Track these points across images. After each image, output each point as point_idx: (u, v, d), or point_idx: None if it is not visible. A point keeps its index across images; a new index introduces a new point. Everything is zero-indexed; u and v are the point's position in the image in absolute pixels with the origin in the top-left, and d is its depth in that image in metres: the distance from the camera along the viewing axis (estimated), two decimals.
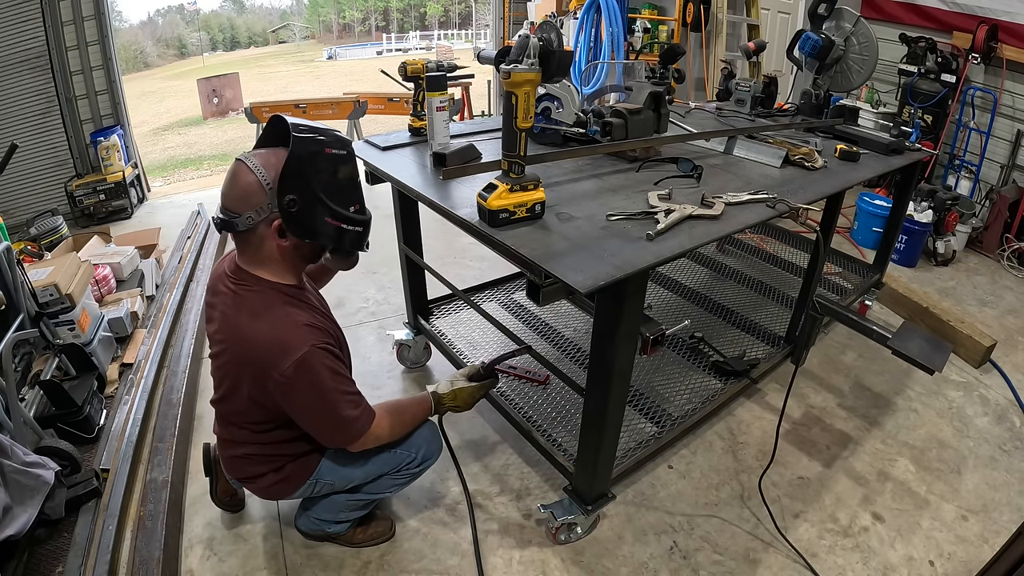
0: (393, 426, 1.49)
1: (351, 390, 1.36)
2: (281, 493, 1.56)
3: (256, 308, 1.29)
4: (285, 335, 1.26)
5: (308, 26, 44.45)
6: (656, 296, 2.86)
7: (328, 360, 1.30)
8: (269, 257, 1.31)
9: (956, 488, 2.06)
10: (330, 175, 1.26)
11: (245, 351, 1.29)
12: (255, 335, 1.27)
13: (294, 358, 1.24)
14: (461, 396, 1.63)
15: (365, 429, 1.38)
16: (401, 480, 1.64)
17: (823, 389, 2.53)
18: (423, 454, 1.62)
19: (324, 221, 1.27)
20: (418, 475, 1.67)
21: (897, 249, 3.55)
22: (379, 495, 1.65)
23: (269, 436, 1.44)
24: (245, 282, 1.31)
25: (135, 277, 3.05)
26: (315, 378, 1.27)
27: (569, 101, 1.93)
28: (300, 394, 1.28)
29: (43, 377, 2.09)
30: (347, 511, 1.66)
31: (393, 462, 1.58)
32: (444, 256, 3.56)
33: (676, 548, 1.79)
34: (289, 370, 1.24)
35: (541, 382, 2.16)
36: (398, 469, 1.60)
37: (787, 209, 1.59)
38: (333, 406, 1.32)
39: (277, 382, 1.26)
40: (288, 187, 1.21)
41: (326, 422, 1.35)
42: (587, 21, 4.25)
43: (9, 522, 1.47)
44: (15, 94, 3.88)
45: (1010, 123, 3.94)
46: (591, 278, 1.21)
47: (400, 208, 2.18)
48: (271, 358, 1.25)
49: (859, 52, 2.54)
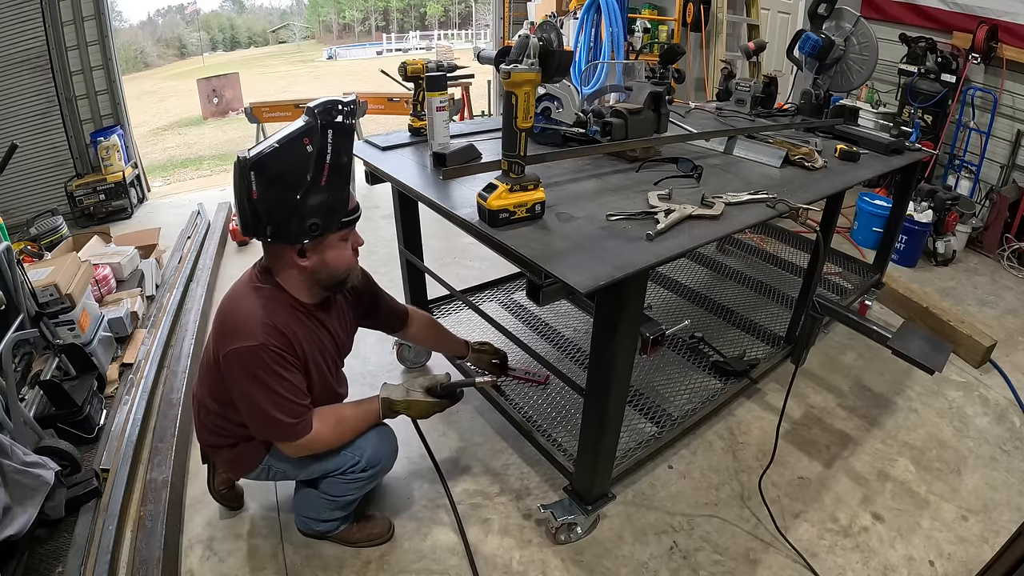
0: (332, 437, 1.47)
1: (293, 399, 1.35)
2: (238, 470, 1.59)
3: (243, 294, 1.37)
4: (246, 323, 1.31)
5: (308, 26, 44.47)
6: (656, 296, 2.86)
7: (273, 362, 1.31)
8: (287, 275, 1.38)
9: (956, 488, 2.06)
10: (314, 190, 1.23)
11: (218, 322, 1.39)
12: (229, 314, 1.37)
13: (239, 345, 1.29)
14: (415, 408, 1.57)
15: (296, 437, 1.38)
16: (355, 483, 1.58)
17: (823, 389, 2.53)
18: (368, 459, 1.55)
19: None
20: (372, 479, 1.62)
21: (897, 249, 3.55)
22: (342, 497, 1.61)
23: (225, 408, 1.46)
24: (263, 280, 1.39)
25: (135, 277, 3.05)
26: (252, 372, 1.30)
27: (569, 101, 1.93)
28: (236, 381, 1.33)
29: (43, 377, 2.09)
30: (328, 511, 1.66)
31: (337, 463, 1.54)
32: (444, 256, 3.56)
33: (676, 548, 1.79)
34: (229, 354, 1.30)
35: (541, 383, 2.16)
36: (343, 471, 1.55)
37: (787, 209, 1.59)
38: (262, 403, 1.32)
39: (221, 361, 1.33)
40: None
41: (256, 417, 1.36)
42: (587, 21, 4.25)
43: (9, 522, 1.47)
44: (15, 94, 3.88)
45: (1010, 123, 3.94)
46: (591, 278, 1.21)
47: (400, 208, 2.18)
48: (224, 337, 1.33)
49: (859, 52, 2.54)
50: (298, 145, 1.18)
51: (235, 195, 1.25)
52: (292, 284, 1.39)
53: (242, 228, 1.28)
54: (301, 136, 1.18)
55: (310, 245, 1.30)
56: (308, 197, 1.22)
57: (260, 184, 1.19)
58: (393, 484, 1.96)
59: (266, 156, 1.18)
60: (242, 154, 1.20)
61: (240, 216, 1.26)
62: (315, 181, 1.21)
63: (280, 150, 1.18)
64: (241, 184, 1.20)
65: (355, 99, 1.23)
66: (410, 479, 1.97)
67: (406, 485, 1.96)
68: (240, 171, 1.19)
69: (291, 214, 1.22)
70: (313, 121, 1.18)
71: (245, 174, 1.18)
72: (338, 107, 1.20)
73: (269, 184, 1.19)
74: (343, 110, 1.20)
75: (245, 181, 1.18)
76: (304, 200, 1.22)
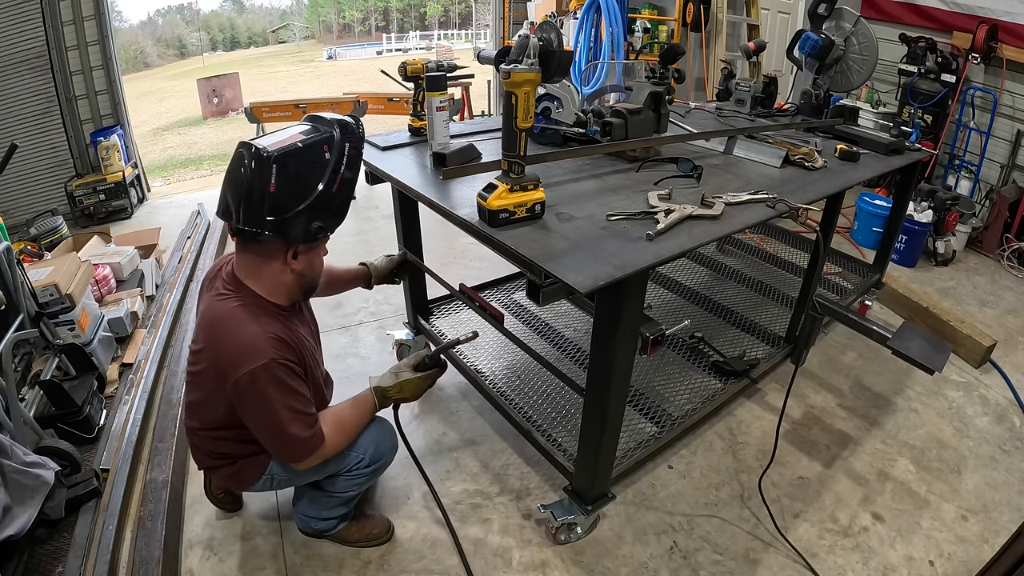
0: (340, 440, 1.46)
1: (305, 410, 1.35)
2: (239, 485, 1.58)
3: (231, 313, 1.31)
4: (249, 343, 1.28)
5: (308, 26, 44.45)
6: (656, 296, 2.86)
7: (285, 375, 1.30)
8: (269, 274, 1.34)
9: (956, 488, 2.06)
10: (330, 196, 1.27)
11: (214, 352, 1.33)
12: (225, 339, 1.30)
13: (251, 367, 1.25)
14: (407, 388, 1.55)
15: (312, 451, 1.37)
16: (357, 480, 1.60)
17: (823, 389, 2.53)
18: (371, 455, 1.57)
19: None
20: (374, 474, 1.63)
21: (897, 249, 3.55)
22: (344, 494, 1.62)
23: (223, 433, 1.45)
24: (236, 290, 1.35)
25: (135, 277, 3.05)
26: (267, 391, 1.28)
27: (569, 101, 1.93)
28: (252, 404, 1.30)
29: (43, 377, 2.09)
30: (327, 509, 1.66)
31: (342, 463, 1.55)
32: (444, 256, 3.56)
33: (676, 548, 1.79)
34: (244, 378, 1.26)
35: (498, 319, 1.88)
36: (347, 469, 1.57)
37: (787, 209, 1.59)
38: (281, 422, 1.31)
39: (233, 387, 1.28)
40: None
41: (274, 437, 1.34)
42: (587, 21, 4.24)
43: (9, 522, 1.47)
44: (15, 94, 3.88)
45: (1010, 123, 3.94)
46: (591, 278, 1.21)
47: (400, 208, 2.18)
48: (231, 364, 1.27)
49: (859, 52, 2.55)
50: (319, 150, 1.23)
51: (238, 180, 1.21)
52: (271, 287, 1.36)
53: (241, 216, 1.22)
54: (321, 143, 1.24)
55: (303, 248, 1.32)
56: (319, 200, 1.25)
57: (280, 177, 1.19)
58: (392, 484, 1.96)
59: (290, 153, 1.20)
60: (257, 144, 1.20)
61: (244, 204, 1.21)
62: (328, 187, 1.25)
63: (304, 150, 1.22)
64: (257, 173, 1.19)
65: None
66: (409, 479, 1.96)
67: (405, 485, 1.96)
68: (259, 161, 1.18)
69: (301, 213, 1.24)
70: (331, 131, 1.25)
71: (266, 165, 1.18)
72: (356, 126, 1.30)
73: (288, 179, 1.21)
74: (359, 130, 1.31)
75: (264, 172, 1.18)
76: (316, 202, 1.25)
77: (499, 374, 2.22)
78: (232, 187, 1.24)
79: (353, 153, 1.28)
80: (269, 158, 1.18)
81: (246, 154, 1.20)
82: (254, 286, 1.35)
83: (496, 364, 2.28)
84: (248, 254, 1.34)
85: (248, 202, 1.21)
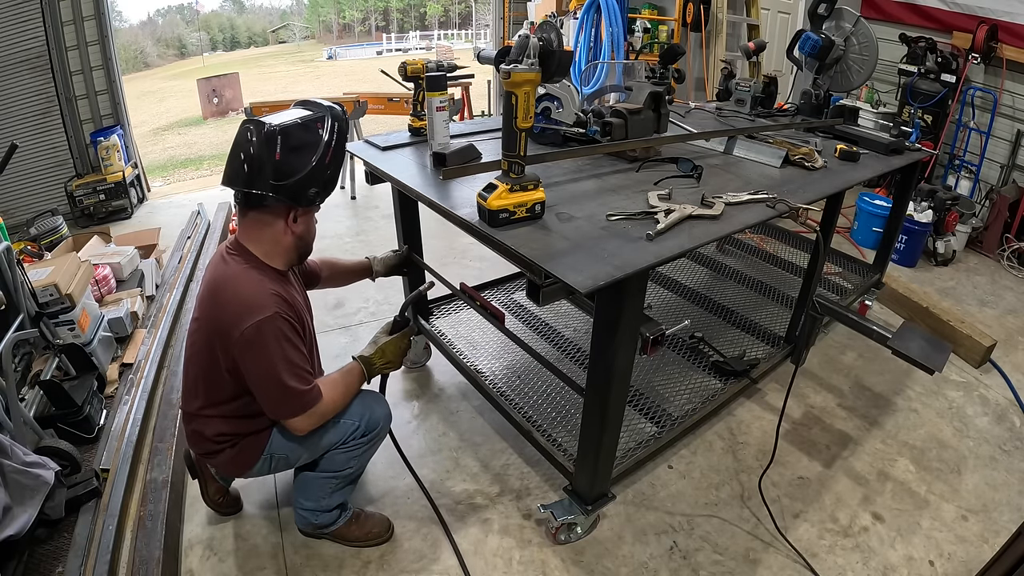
0: (336, 399, 1.51)
1: (304, 367, 1.42)
2: (239, 469, 1.60)
3: (236, 273, 1.40)
4: (253, 297, 1.36)
5: (308, 26, 44.44)
6: (656, 296, 2.86)
7: (288, 331, 1.38)
8: (271, 237, 1.44)
9: (956, 488, 2.06)
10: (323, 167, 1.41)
11: (217, 312, 1.39)
12: (230, 296, 1.38)
13: (256, 319, 1.33)
14: (388, 351, 1.64)
15: (311, 405, 1.42)
16: (354, 452, 1.61)
17: (823, 389, 2.53)
18: (366, 422, 1.60)
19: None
20: (369, 444, 1.64)
21: (897, 249, 3.55)
22: (342, 471, 1.63)
23: (228, 408, 1.48)
24: (239, 253, 1.44)
25: (135, 277, 3.05)
26: (272, 343, 1.35)
27: (569, 101, 1.93)
28: (255, 355, 1.35)
29: (43, 377, 2.09)
30: (327, 496, 1.66)
31: (338, 433, 1.57)
32: (444, 256, 3.56)
33: (676, 548, 1.79)
34: (250, 330, 1.33)
35: (499, 319, 1.89)
36: (344, 441, 1.58)
37: (787, 209, 1.59)
38: (281, 374, 1.36)
39: (237, 340, 1.34)
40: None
41: (274, 389, 1.39)
42: (587, 21, 4.25)
43: (9, 522, 1.47)
44: (15, 94, 3.88)
45: (1010, 123, 3.94)
46: (591, 278, 1.21)
47: (400, 208, 2.18)
48: (236, 317, 1.34)
49: (859, 52, 2.55)
50: (315, 127, 1.39)
51: (246, 151, 1.34)
52: (271, 251, 1.45)
53: (244, 180, 1.35)
54: (316, 121, 1.40)
55: (301, 212, 1.43)
56: (316, 169, 1.38)
57: (283, 148, 1.34)
58: (392, 483, 1.97)
59: (291, 127, 1.36)
60: (263, 120, 1.34)
61: (247, 170, 1.34)
62: (322, 158, 1.39)
63: (303, 126, 1.38)
64: (264, 144, 1.32)
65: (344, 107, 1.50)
66: (410, 478, 1.96)
67: (405, 484, 1.96)
68: (267, 134, 1.32)
69: (301, 180, 1.37)
70: (323, 113, 1.42)
71: (272, 137, 1.32)
72: (342, 108, 1.47)
73: (291, 150, 1.36)
74: (344, 113, 1.47)
75: (271, 143, 1.32)
76: (313, 170, 1.38)
77: (499, 374, 2.22)
78: (240, 157, 1.35)
79: (341, 131, 1.45)
80: (275, 131, 1.33)
81: (253, 129, 1.34)
82: (255, 249, 1.44)
83: (496, 364, 2.28)
84: (252, 219, 1.42)
85: (257, 170, 1.34)
